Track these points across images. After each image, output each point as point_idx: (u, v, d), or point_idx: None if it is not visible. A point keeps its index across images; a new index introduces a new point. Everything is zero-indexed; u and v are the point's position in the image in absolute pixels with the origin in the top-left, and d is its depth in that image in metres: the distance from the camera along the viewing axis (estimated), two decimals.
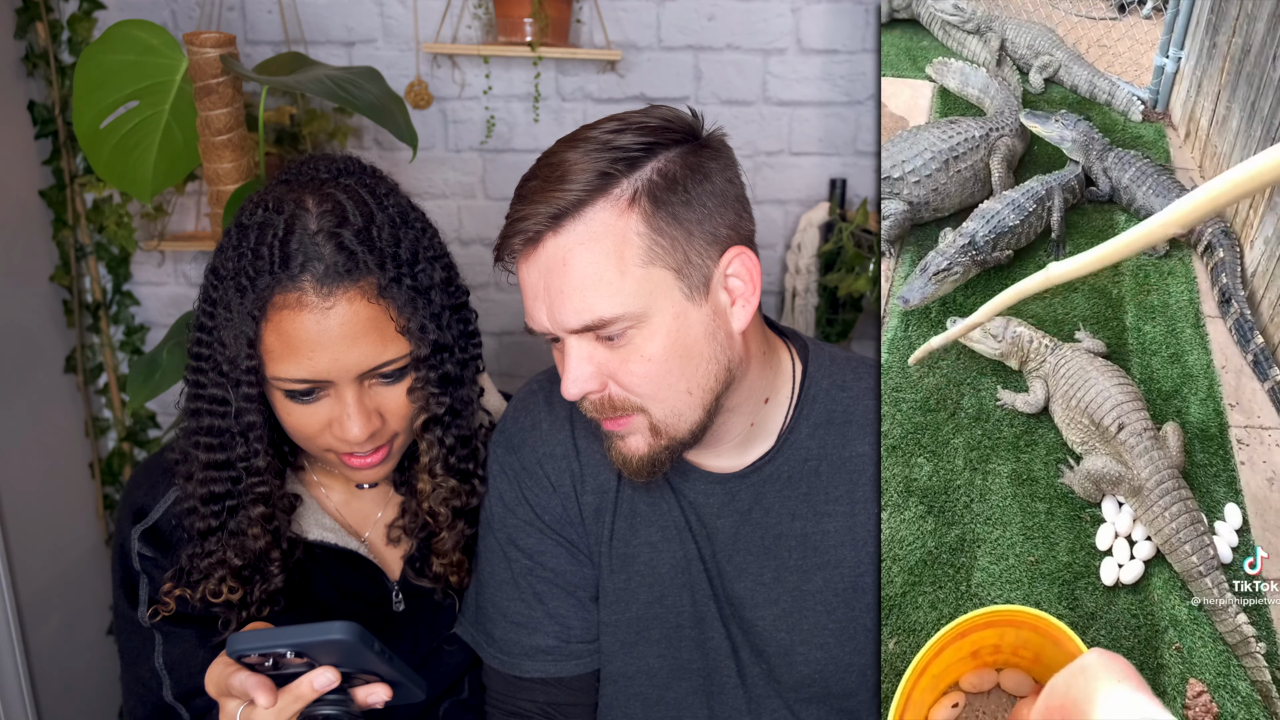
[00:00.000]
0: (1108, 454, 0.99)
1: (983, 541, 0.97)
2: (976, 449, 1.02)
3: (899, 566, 0.96)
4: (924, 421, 1.03)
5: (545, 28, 1.99)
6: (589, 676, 1.05)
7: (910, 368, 1.05)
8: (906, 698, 0.86)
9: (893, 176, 1.17)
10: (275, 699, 0.78)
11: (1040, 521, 0.98)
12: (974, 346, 1.06)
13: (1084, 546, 0.97)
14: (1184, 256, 1.11)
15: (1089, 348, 1.05)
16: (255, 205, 0.96)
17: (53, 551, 2.03)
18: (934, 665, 0.87)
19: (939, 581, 0.96)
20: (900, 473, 1.00)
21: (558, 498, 1.03)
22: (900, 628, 0.94)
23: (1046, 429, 1.04)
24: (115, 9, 2.06)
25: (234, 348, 0.94)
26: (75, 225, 2.10)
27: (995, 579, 0.96)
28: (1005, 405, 1.04)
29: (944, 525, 0.98)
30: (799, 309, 2.17)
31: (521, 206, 0.86)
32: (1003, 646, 0.90)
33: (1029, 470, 1.01)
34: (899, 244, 1.18)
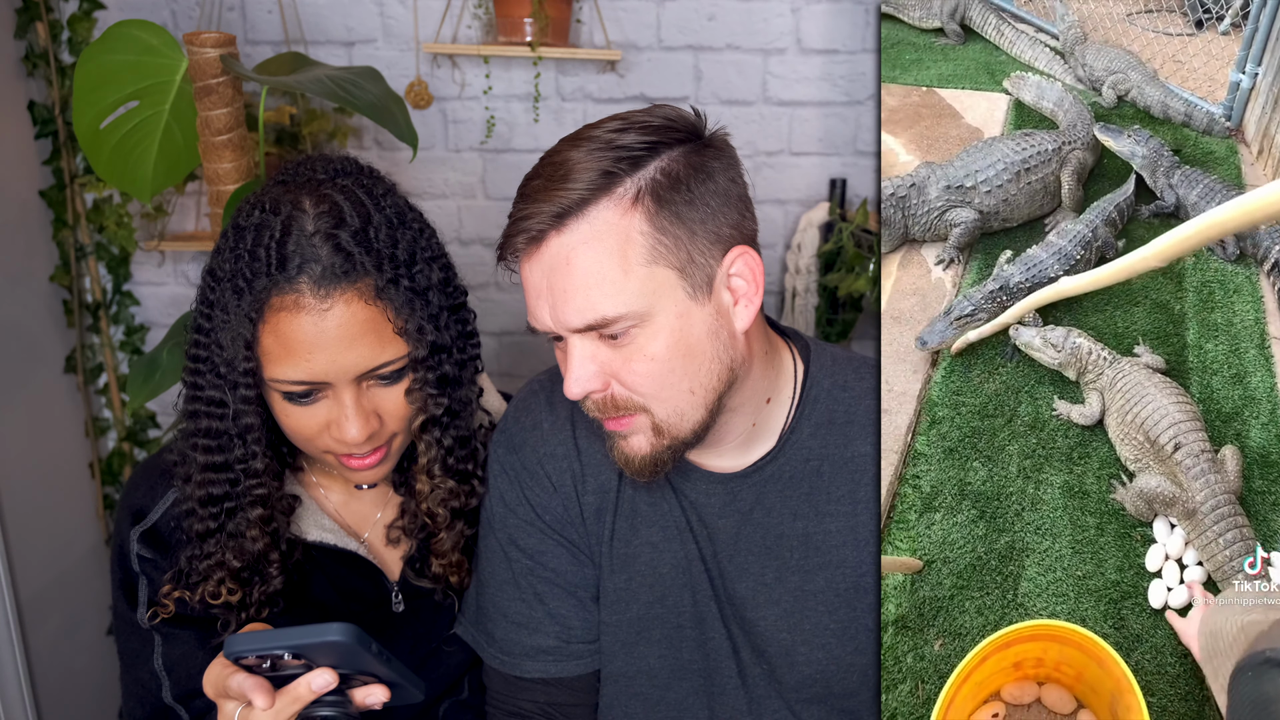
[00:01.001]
0: (1162, 473, 0.97)
1: (1032, 551, 0.97)
2: (1031, 457, 1.01)
3: (948, 569, 0.96)
4: (981, 426, 1.03)
5: (545, 28, 1.99)
6: (589, 677, 1.05)
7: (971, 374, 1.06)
8: (949, 703, 0.86)
9: (965, 185, 1.18)
10: (273, 700, 0.78)
11: (1090, 536, 0.97)
12: (1033, 355, 1.06)
13: (1133, 566, 0.95)
14: (1251, 274, 1.10)
15: (1148, 363, 1.04)
16: (252, 207, 0.96)
17: (53, 551, 2.03)
18: (977, 673, 0.87)
19: (986, 588, 0.95)
20: (955, 475, 1.00)
21: (559, 498, 1.02)
22: (947, 630, 0.93)
23: (1101, 442, 1.03)
24: (115, 9, 2.06)
25: (231, 350, 0.94)
26: (75, 225, 2.10)
27: (1042, 590, 0.95)
28: (1061, 416, 1.04)
29: (995, 531, 0.97)
30: (799, 309, 2.17)
31: (525, 205, 0.86)
32: (1046, 661, 0.89)
33: (1081, 483, 1.00)
34: (967, 252, 1.19)
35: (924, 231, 1.21)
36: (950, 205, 1.18)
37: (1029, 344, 1.07)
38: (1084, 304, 1.11)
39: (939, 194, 1.19)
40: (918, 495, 1.01)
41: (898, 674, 0.93)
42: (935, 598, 0.94)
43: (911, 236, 1.22)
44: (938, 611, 0.94)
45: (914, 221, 1.20)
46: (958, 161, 1.21)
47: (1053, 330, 1.06)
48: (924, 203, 1.19)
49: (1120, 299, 1.11)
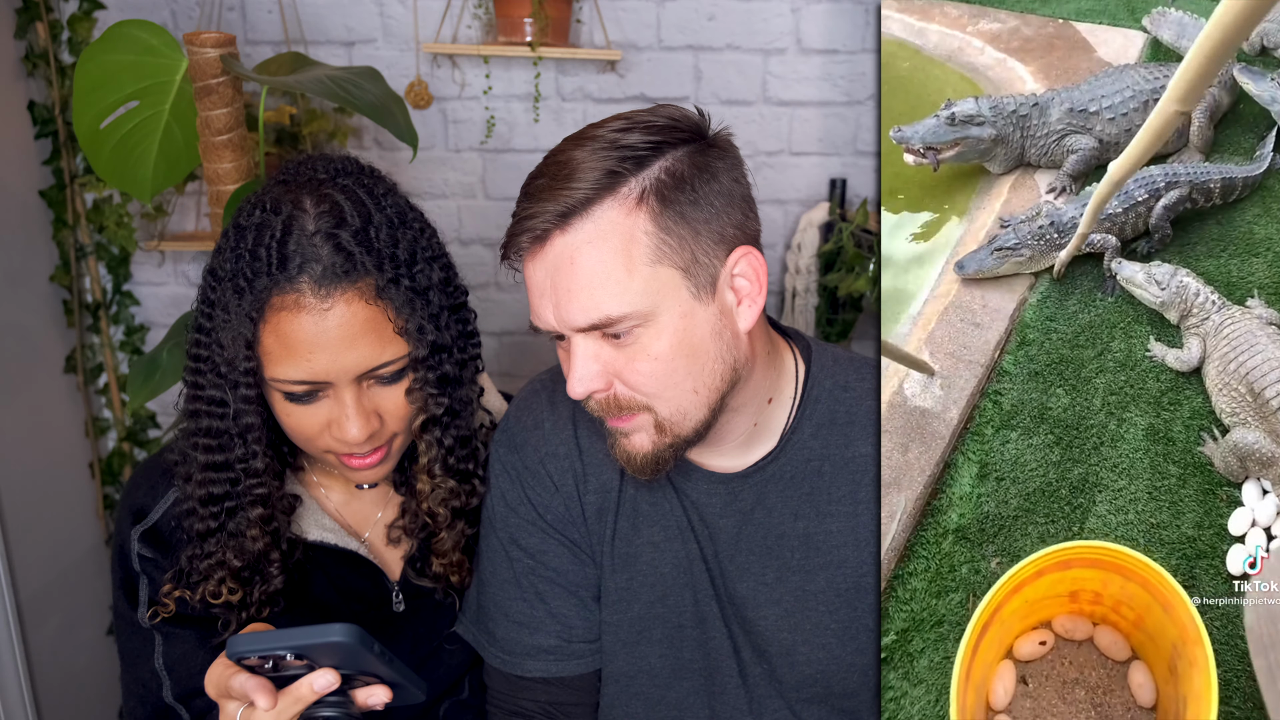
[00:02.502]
0: (1262, 430, 0.90)
1: (1105, 488, 0.93)
2: (1117, 394, 0.98)
3: (1016, 489, 0.93)
4: (1070, 355, 1.00)
5: (545, 28, 1.99)
6: (591, 676, 1.05)
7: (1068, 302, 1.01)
8: (994, 610, 0.82)
9: (1088, 110, 1.13)
10: (275, 701, 0.78)
11: (1170, 485, 0.93)
12: (1134, 291, 1.01)
13: (1213, 525, 0.90)
14: None
15: (1261, 315, 0.97)
16: (253, 206, 0.96)
17: (53, 551, 2.03)
18: (1030, 588, 0.83)
19: (1053, 515, 0.92)
20: (1037, 398, 0.97)
21: (560, 497, 1.02)
22: (1005, 550, 0.91)
23: (1194, 391, 0.98)
24: (115, 9, 2.06)
25: (232, 349, 0.94)
26: (75, 225, 2.10)
27: (1111, 529, 0.91)
28: (1155, 358, 0.99)
29: (1069, 460, 0.94)
30: (799, 309, 2.17)
31: (529, 205, 0.86)
32: (1105, 597, 0.85)
33: (1168, 429, 0.95)
34: (1080, 182, 1.13)
35: (1040, 155, 1.16)
36: (1070, 130, 1.14)
37: (1130, 279, 1.00)
38: (1197, 248, 1.06)
39: (1060, 117, 1.14)
40: (996, 411, 0.99)
41: (951, 582, 0.91)
42: (999, 515, 0.91)
43: (1027, 159, 1.18)
44: (999, 530, 0.91)
45: (1031, 143, 1.16)
46: (1084, 86, 1.16)
47: (1159, 267, 1.00)
48: (1044, 124, 1.15)
49: (1238, 247, 1.06)
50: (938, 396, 1.02)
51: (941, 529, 0.93)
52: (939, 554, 0.93)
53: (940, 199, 1.20)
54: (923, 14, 1.33)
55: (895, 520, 0.93)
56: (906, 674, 0.90)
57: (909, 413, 1.01)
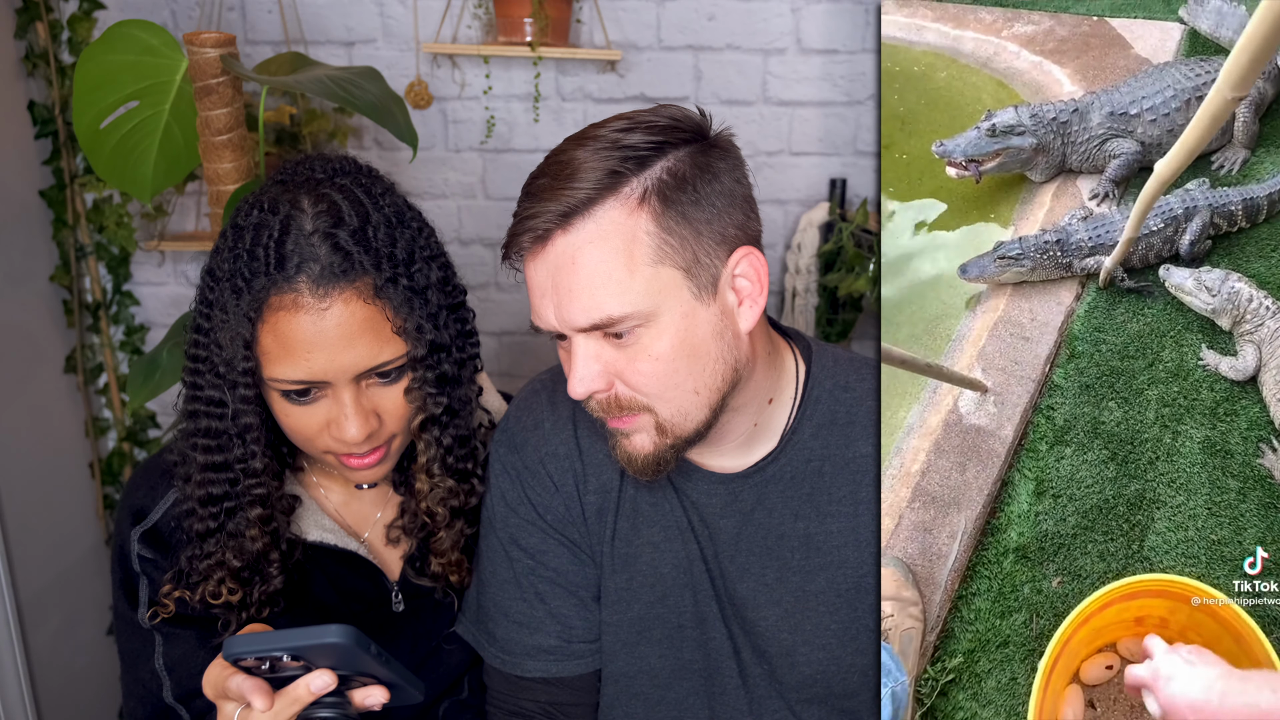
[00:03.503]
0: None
1: (1164, 504, 0.91)
2: (1170, 406, 0.95)
3: (1074, 507, 0.92)
4: (1120, 367, 0.98)
5: (545, 28, 1.99)
6: (590, 676, 1.05)
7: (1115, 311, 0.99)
8: (1064, 643, 0.81)
9: (1129, 113, 1.09)
10: (272, 702, 0.78)
11: (1230, 500, 0.90)
12: (1184, 299, 0.98)
13: (1277, 540, 0.88)
14: None
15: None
16: (251, 206, 0.96)
17: (53, 551, 2.03)
18: (1097, 618, 0.83)
19: (1111, 533, 0.91)
20: (1089, 413, 0.95)
21: (560, 497, 1.02)
22: (1065, 569, 0.90)
23: (1251, 400, 0.95)
24: (115, 9, 2.06)
25: (230, 349, 0.94)
26: (75, 225, 2.10)
27: (1171, 547, 0.89)
28: (1208, 367, 0.96)
29: (1125, 476, 0.93)
30: (799, 309, 2.17)
31: (530, 204, 0.86)
32: (1171, 623, 0.83)
33: (1225, 442, 0.93)
34: (1123, 187, 1.10)
35: (1082, 161, 1.13)
36: (1112, 134, 1.11)
37: (1180, 286, 0.98)
38: (1246, 249, 1.03)
39: (1101, 121, 1.11)
40: (1050, 426, 0.98)
41: (1014, 602, 0.90)
42: (1058, 533, 0.90)
43: (1069, 166, 1.15)
44: (1059, 548, 0.90)
45: (1073, 149, 1.13)
46: (1124, 87, 1.13)
47: (1209, 272, 0.97)
48: (1085, 129, 1.12)
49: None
50: (992, 414, 1.01)
51: (1001, 548, 0.92)
52: (1000, 574, 0.92)
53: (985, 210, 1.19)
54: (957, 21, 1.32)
55: (957, 540, 0.93)
56: (975, 695, 0.89)
57: (965, 431, 1.00)
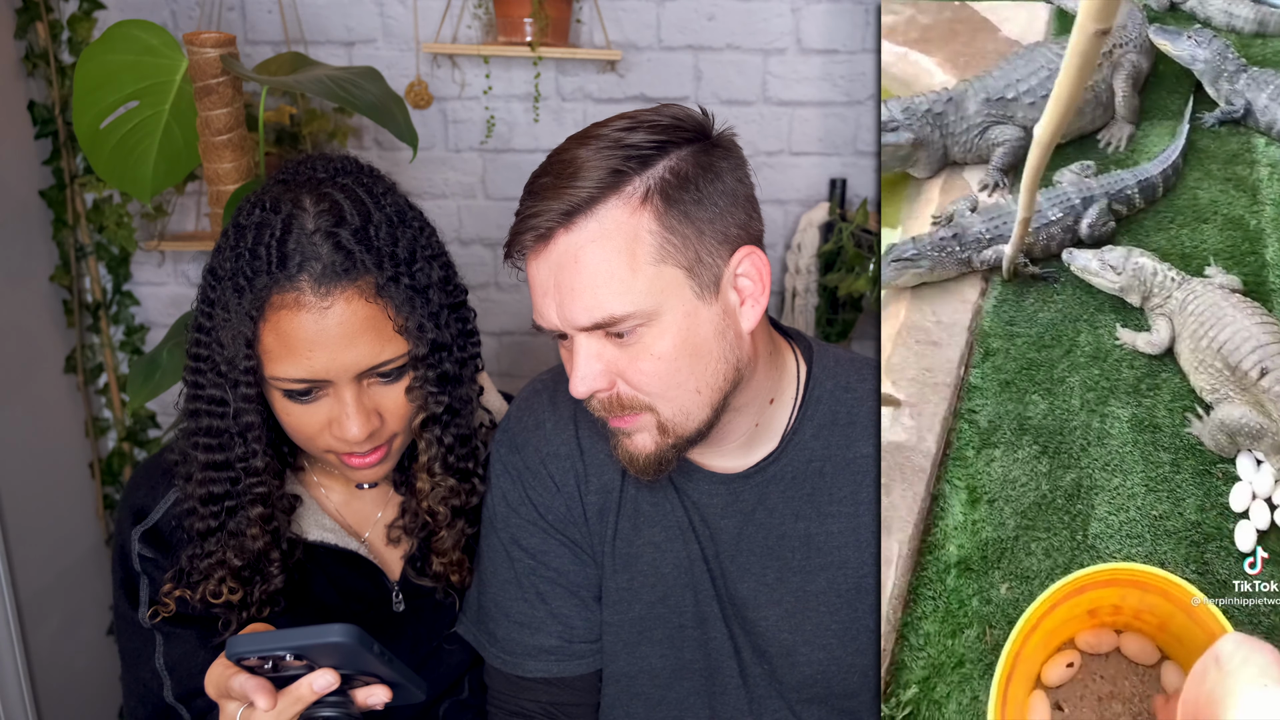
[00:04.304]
0: (1246, 403, 0.88)
1: (1101, 489, 0.91)
2: (1094, 389, 0.94)
3: (1011, 508, 0.90)
4: (1038, 358, 0.97)
5: (545, 28, 1.99)
6: (591, 676, 1.05)
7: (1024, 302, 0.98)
8: (1017, 652, 0.81)
9: (1006, 98, 1.07)
10: (275, 701, 0.78)
11: (1165, 473, 0.90)
12: (1091, 280, 0.97)
13: (1215, 506, 0.88)
14: None
15: (1222, 284, 0.94)
16: (252, 205, 0.96)
17: (53, 551, 2.03)
18: (1048, 620, 0.82)
19: (1053, 528, 0.90)
20: (1014, 410, 0.94)
21: (561, 497, 1.02)
22: (1012, 573, 0.88)
23: (1171, 372, 0.95)
24: (115, 9, 2.06)
25: (232, 348, 0.94)
26: (75, 225, 2.10)
27: (1114, 531, 0.89)
28: (1125, 345, 0.96)
29: (1059, 468, 0.92)
30: (799, 309, 2.17)
31: (533, 203, 0.86)
32: (1124, 608, 0.84)
33: (1151, 416, 0.93)
34: (1012, 174, 1.07)
35: (965, 152, 1.10)
36: (991, 121, 1.08)
37: (1085, 268, 0.97)
38: (1145, 224, 1.03)
39: (978, 109, 1.09)
40: (974, 431, 0.96)
41: (963, 618, 0.89)
42: (999, 539, 0.89)
43: (952, 158, 1.12)
44: (1002, 554, 0.89)
45: (953, 141, 1.10)
46: (997, 72, 1.10)
47: (1111, 251, 0.97)
48: (962, 119, 1.09)
49: (1186, 216, 1.03)
50: (909, 427, 0.99)
51: (942, 565, 0.90)
52: (944, 591, 0.90)
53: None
54: None
55: (893, 566, 0.92)
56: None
57: (885, 451, 0.98)
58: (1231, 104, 1.04)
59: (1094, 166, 1.03)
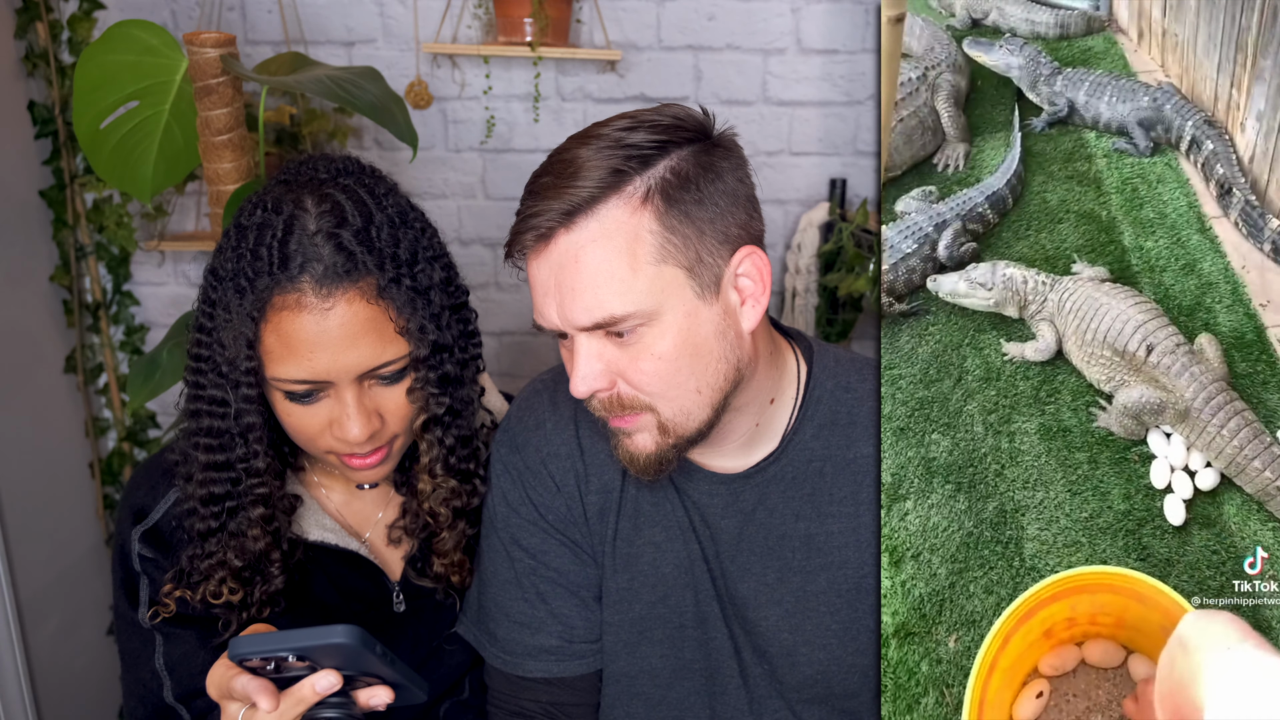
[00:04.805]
0: (1142, 383, 0.89)
1: (1026, 508, 0.89)
2: (994, 410, 0.93)
3: (939, 556, 0.88)
4: (929, 395, 0.94)
5: (545, 28, 1.99)
6: (592, 676, 1.05)
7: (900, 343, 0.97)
8: (980, 700, 0.79)
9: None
10: (277, 702, 0.78)
11: (1084, 473, 0.90)
12: (963, 302, 0.97)
13: (1140, 490, 0.88)
14: (1169, 160, 1.02)
15: (1090, 276, 0.95)
16: (254, 206, 0.96)
17: (53, 551, 2.03)
18: (1003, 658, 0.81)
19: (988, 562, 0.88)
20: (916, 454, 0.92)
21: (561, 497, 1.02)
22: (958, 622, 0.86)
23: (1067, 374, 0.95)
24: (115, 9, 2.06)
25: (233, 349, 0.94)
26: (75, 225, 2.10)
27: (1050, 546, 0.87)
28: (1014, 358, 0.96)
29: (978, 500, 0.89)
30: (799, 309, 2.17)
31: (534, 203, 0.86)
32: (1078, 618, 0.83)
33: (1058, 421, 0.92)
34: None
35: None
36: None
37: (954, 292, 0.96)
38: (1003, 235, 1.02)
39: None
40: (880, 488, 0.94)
41: (916, 688, 0.86)
42: (933, 592, 0.87)
43: None
44: (941, 606, 0.87)
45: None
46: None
47: (976, 269, 0.96)
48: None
49: (1041, 220, 1.03)
50: None
51: (882, 638, 0.87)
52: (890, 667, 0.86)
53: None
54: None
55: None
56: None
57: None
58: (1055, 104, 1.05)
59: (936, 191, 1.03)
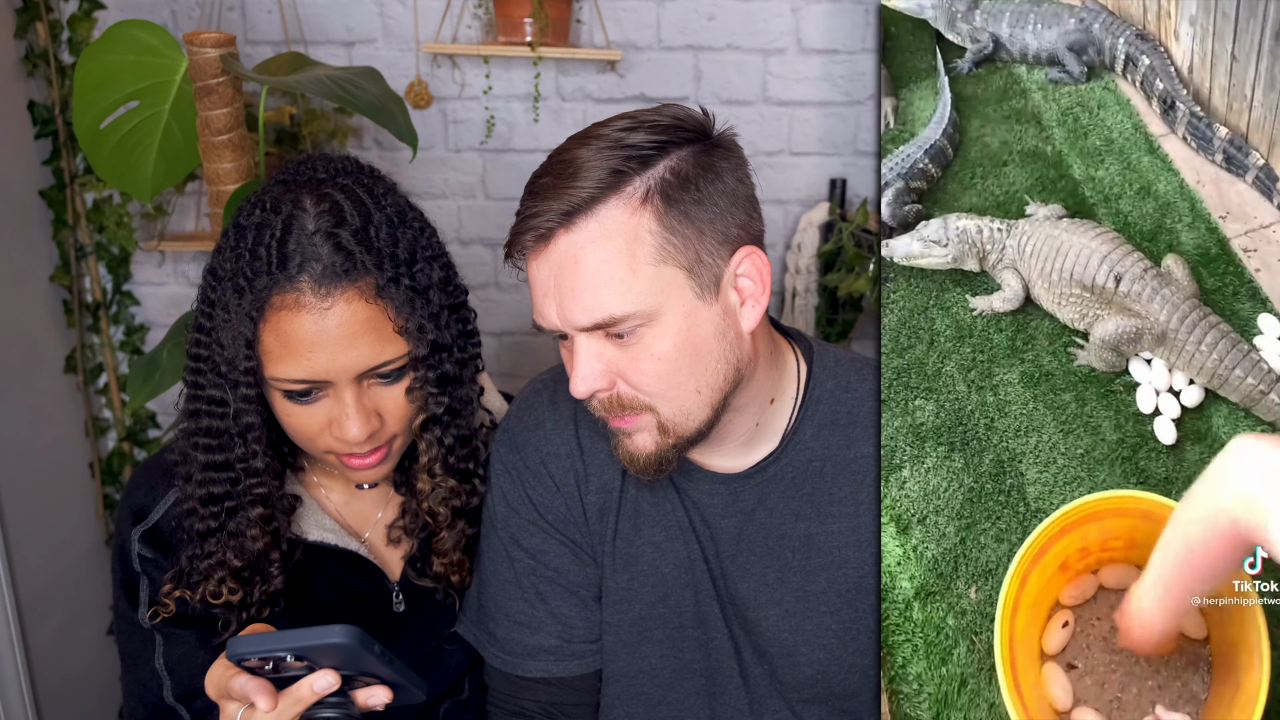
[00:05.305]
0: (1116, 314, 0.90)
1: (1021, 455, 0.90)
2: (973, 367, 0.93)
3: (944, 516, 0.89)
4: (903, 363, 0.95)
5: (545, 28, 1.99)
6: (591, 676, 1.05)
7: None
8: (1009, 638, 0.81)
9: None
10: (275, 702, 0.78)
11: (1073, 412, 0.91)
12: (919, 263, 0.95)
13: (1129, 418, 0.89)
14: (1108, 83, 1.00)
15: (1046, 215, 0.94)
16: (253, 206, 0.96)
17: (53, 551, 2.03)
18: (1024, 596, 0.82)
19: (994, 513, 0.89)
20: (903, 423, 0.93)
21: (561, 497, 1.02)
22: (975, 574, 0.87)
23: (1039, 318, 0.94)
24: (115, 9, 2.06)
25: (232, 349, 0.94)
26: (75, 225, 2.10)
27: (1052, 486, 0.89)
28: (983, 312, 0.95)
29: (973, 456, 0.91)
30: (799, 309, 2.17)
31: (533, 203, 0.86)
32: (1090, 547, 0.84)
33: (1038, 367, 0.93)
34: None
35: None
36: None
37: (909, 254, 0.94)
38: (949, 188, 1.00)
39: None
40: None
41: (945, 642, 0.87)
42: (946, 551, 0.88)
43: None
44: (955, 563, 0.88)
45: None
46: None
47: (927, 226, 0.94)
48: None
49: (986, 165, 1.01)
50: None
51: (902, 603, 0.89)
52: (916, 627, 0.88)
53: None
54: None
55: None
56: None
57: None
58: (978, 41, 1.01)
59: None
